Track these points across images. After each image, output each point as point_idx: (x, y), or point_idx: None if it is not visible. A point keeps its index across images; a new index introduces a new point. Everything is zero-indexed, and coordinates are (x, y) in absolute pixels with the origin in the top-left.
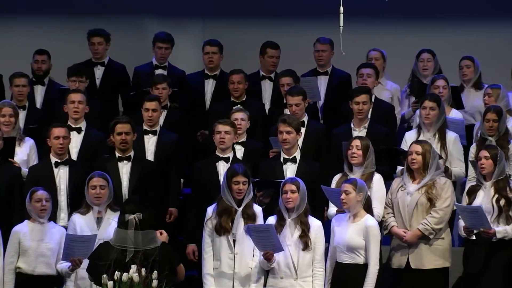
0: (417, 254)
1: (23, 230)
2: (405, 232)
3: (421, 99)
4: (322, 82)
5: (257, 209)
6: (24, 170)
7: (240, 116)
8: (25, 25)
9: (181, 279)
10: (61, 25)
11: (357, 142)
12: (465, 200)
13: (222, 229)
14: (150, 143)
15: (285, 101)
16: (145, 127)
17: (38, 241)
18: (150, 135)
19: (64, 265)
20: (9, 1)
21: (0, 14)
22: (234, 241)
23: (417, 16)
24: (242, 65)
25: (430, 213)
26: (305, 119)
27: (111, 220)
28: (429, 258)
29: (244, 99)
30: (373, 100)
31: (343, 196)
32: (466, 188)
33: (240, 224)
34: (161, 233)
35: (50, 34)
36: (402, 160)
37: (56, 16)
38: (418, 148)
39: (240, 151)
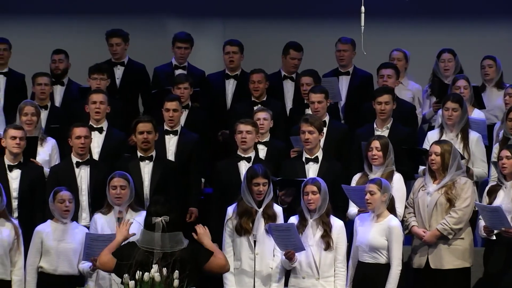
0: (436, 254)
1: (45, 230)
2: (424, 232)
3: (444, 100)
4: (344, 82)
5: (277, 209)
6: (46, 170)
7: (263, 116)
8: (45, 25)
9: (219, 271)
10: (81, 25)
11: (376, 144)
12: (485, 200)
13: (243, 230)
14: (171, 143)
15: (306, 101)
16: (166, 127)
17: (61, 241)
18: (171, 135)
19: (85, 265)
20: (29, 2)
21: (20, 14)
22: (255, 241)
23: (438, 15)
24: (263, 65)
25: (449, 213)
26: (327, 119)
27: (132, 220)
28: (448, 258)
29: (264, 98)
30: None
31: (367, 196)
32: (487, 188)
33: (260, 225)
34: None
35: (70, 35)
36: (425, 160)
37: (77, 16)
38: (437, 149)
39: (263, 151)
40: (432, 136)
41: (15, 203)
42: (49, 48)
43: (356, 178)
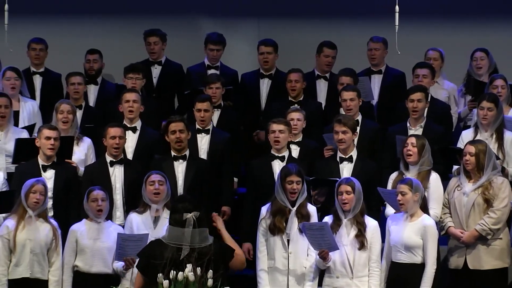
0: (474, 255)
1: (80, 229)
2: (462, 233)
3: (479, 99)
4: (376, 81)
5: (311, 208)
6: (82, 170)
7: (296, 117)
8: (81, 25)
9: (240, 267)
10: (116, 25)
11: (412, 140)
12: None
13: (276, 229)
14: (203, 142)
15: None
16: (197, 126)
17: (95, 240)
18: (203, 134)
19: (119, 264)
20: (64, 2)
21: (56, 15)
22: (288, 240)
23: (473, 15)
24: (297, 64)
25: (487, 213)
26: (359, 118)
27: (168, 219)
28: (487, 259)
29: (301, 98)
30: (429, 99)
31: (399, 197)
32: None
33: (294, 224)
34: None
35: (105, 34)
36: (459, 159)
37: (112, 16)
38: (472, 149)
39: (295, 151)
40: (467, 135)
41: (49, 203)
42: (85, 47)
43: (393, 177)
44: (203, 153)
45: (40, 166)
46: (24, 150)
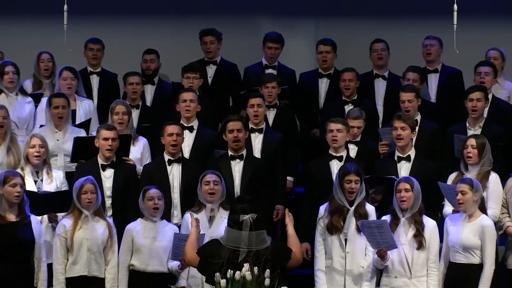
0: None
1: (136, 228)
2: None
3: None
4: (433, 80)
5: (369, 208)
6: (139, 168)
7: (357, 125)
8: (137, 25)
9: (297, 265)
10: (173, 25)
11: (472, 142)
12: None
13: (334, 228)
14: (257, 141)
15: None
16: (251, 125)
17: (151, 239)
18: (256, 133)
19: (174, 264)
20: (121, 2)
21: (112, 15)
22: (346, 240)
23: None
24: (355, 64)
25: None
26: (418, 118)
27: (223, 219)
28: None
29: (355, 97)
30: (490, 99)
31: (459, 196)
32: None
33: (351, 223)
34: None
35: (162, 34)
36: None
37: (168, 16)
38: None
39: (353, 150)
40: None
41: (108, 202)
42: (141, 47)
43: (452, 177)
44: (256, 153)
45: (100, 165)
46: (82, 148)
